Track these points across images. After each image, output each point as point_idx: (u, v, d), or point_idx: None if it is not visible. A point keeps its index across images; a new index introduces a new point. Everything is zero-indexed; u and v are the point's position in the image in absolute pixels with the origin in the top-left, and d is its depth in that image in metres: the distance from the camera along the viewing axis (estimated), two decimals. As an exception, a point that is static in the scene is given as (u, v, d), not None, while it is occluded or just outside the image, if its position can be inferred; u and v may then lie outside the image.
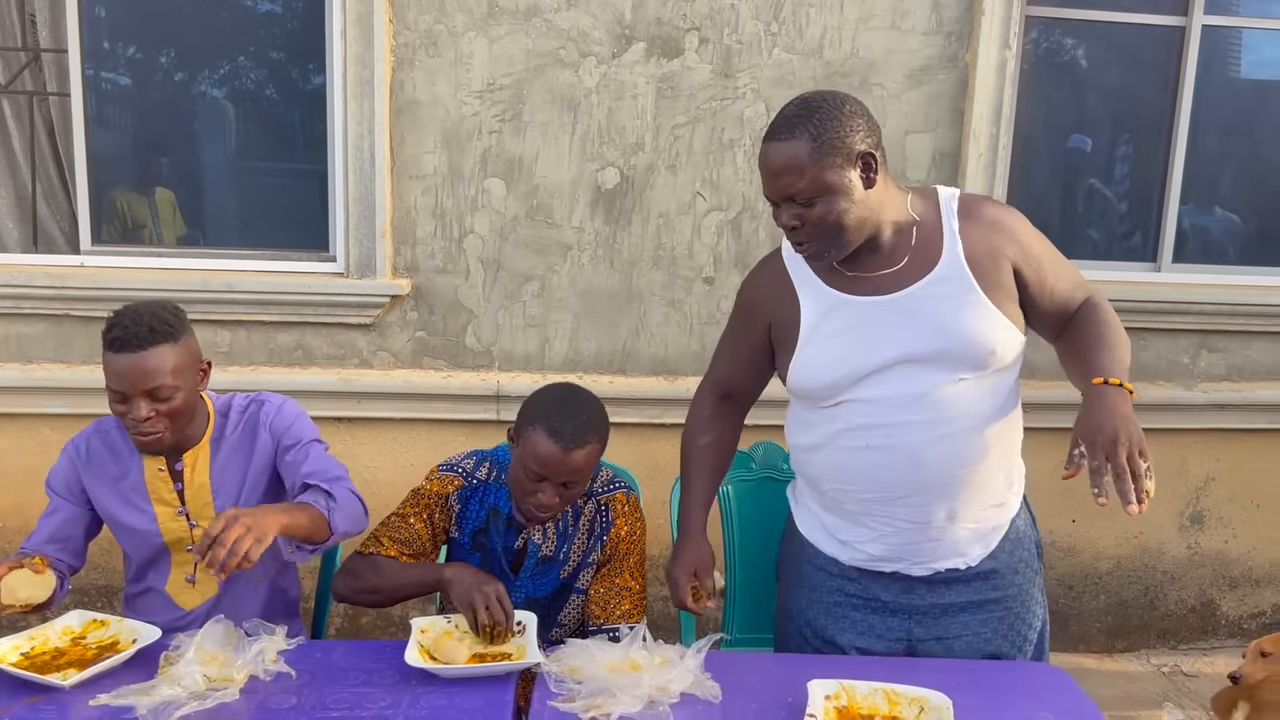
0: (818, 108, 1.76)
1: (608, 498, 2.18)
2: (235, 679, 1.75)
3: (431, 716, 1.69)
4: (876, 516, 1.92)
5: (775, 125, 1.78)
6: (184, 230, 3.52)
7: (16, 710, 1.68)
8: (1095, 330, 1.86)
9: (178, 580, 2.20)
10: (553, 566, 2.15)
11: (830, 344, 1.87)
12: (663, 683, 1.73)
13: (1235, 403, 3.63)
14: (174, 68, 3.42)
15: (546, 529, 2.14)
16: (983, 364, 1.83)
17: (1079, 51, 3.65)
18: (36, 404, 3.30)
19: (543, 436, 1.96)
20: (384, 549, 2.11)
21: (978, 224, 1.87)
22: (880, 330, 1.84)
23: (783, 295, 1.94)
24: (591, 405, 2.05)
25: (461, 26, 3.21)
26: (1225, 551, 3.82)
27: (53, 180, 3.42)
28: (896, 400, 1.83)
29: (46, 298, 3.26)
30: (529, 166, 3.31)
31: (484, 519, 2.15)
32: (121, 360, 1.95)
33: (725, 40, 3.28)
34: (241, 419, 2.20)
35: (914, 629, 1.99)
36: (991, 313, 1.82)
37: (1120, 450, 1.60)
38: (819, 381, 1.89)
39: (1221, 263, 3.74)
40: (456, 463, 2.19)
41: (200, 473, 2.15)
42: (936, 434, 1.83)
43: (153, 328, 1.96)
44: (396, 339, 3.39)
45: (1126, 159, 3.72)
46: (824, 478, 1.96)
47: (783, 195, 1.78)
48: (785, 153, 1.75)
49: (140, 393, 1.96)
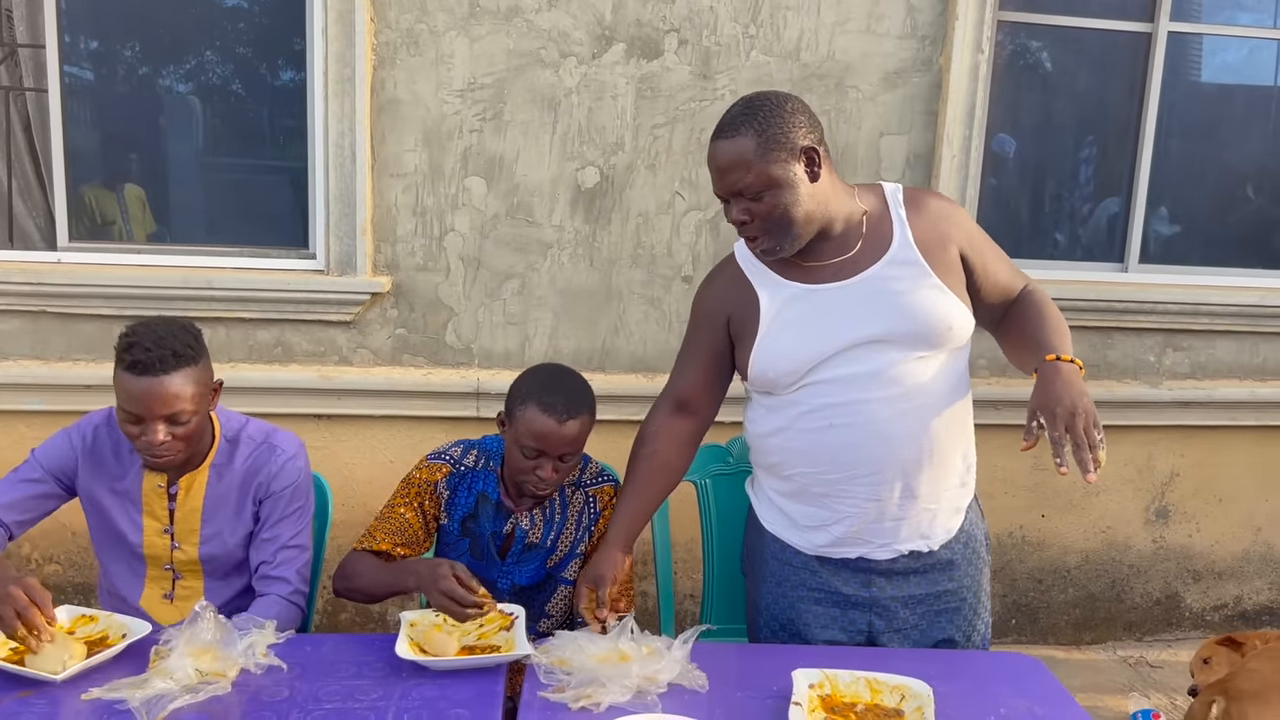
0: (760, 106, 1.84)
1: (596, 490, 2.23)
2: (227, 672, 1.77)
3: (423, 707, 1.71)
4: (840, 497, 1.96)
5: (721, 125, 1.87)
6: (154, 227, 3.51)
7: (8, 704, 1.69)
8: (1039, 313, 1.95)
9: (153, 595, 2.19)
10: (539, 553, 2.19)
11: (791, 331, 1.93)
12: (651, 673, 1.77)
13: (1199, 400, 3.72)
14: (151, 64, 3.41)
15: (534, 515, 2.18)
16: (940, 342, 1.90)
17: (1049, 56, 3.72)
18: (13, 401, 3.28)
19: (536, 412, 2.01)
20: (377, 543, 2.15)
21: (923, 213, 1.96)
22: (840, 313, 1.90)
23: (740, 294, 2.00)
24: (577, 379, 2.12)
25: (443, 26, 3.22)
26: (1189, 545, 3.91)
27: (29, 176, 3.39)
28: (858, 378, 1.89)
29: (23, 294, 3.24)
30: (509, 165, 3.33)
31: (472, 505, 2.19)
32: (141, 384, 1.92)
33: (704, 42, 3.32)
34: (249, 456, 2.15)
35: (874, 620, 2.04)
36: (946, 293, 1.90)
37: (1078, 421, 1.68)
38: (781, 368, 1.93)
39: (1187, 264, 3.83)
40: (445, 450, 2.23)
41: (195, 497, 2.14)
42: (898, 409, 1.89)
43: (175, 351, 1.93)
44: (376, 336, 3.40)
45: (1094, 161, 3.81)
46: (786, 463, 2.01)
47: (731, 190, 1.86)
48: (731, 150, 1.83)
49: (158, 417, 1.93)
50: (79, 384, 3.26)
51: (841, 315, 1.90)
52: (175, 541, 2.14)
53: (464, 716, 1.69)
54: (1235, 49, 3.80)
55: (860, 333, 1.89)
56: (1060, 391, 1.73)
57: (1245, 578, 3.97)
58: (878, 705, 1.75)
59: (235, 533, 2.16)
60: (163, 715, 1.64)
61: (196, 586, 2.19)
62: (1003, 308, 2.03)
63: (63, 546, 3.41)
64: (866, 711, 1.73)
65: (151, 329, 1.96)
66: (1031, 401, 1.76)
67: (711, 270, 2.13)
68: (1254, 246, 3.90)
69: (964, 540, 2.06)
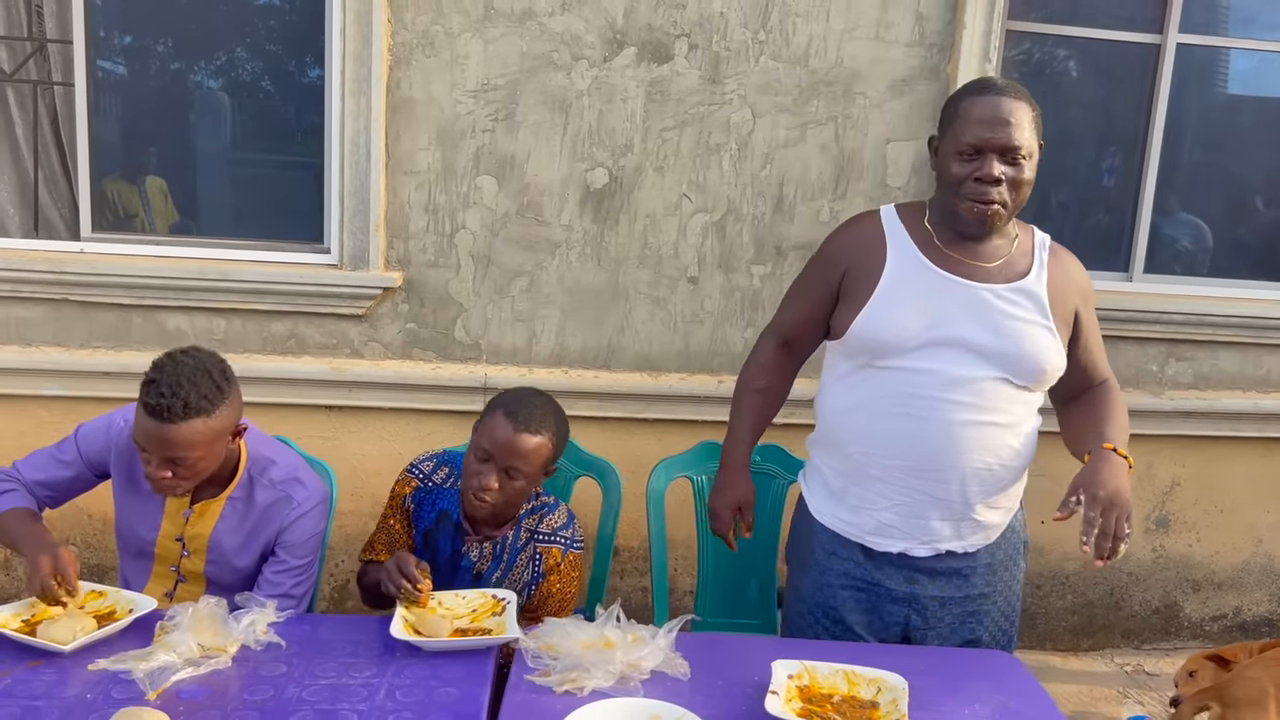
0: (1023, 89, 1.96)
1: (544, 548, 2.24)
2: (228, 648, 1.84)
3: (415, 685, 1.78)
4: (896, 485, 2.01)
5: (993, 84, 1.94)
6: (176, 218, 3.60)
7: (18, 673, 1.76)
8: (1111, 408, 2.04)
9: (155, 591, 2.21)
10: (481, 584, 2.22)
11: (904, 304, 1.97)
12: (635, 660, 1.82)
13: (1201, 410, 3.74)
14: (176, 60, 3.49)
15: (484, 547, 2.23)
16: (1029, 377, 1.97)
17: (1057, 66, 3.76)
18: (34, 386, 3.37)
19: (501, 417, 2.10)
20: (376, 553, 2.27)
21: (1061, 265, 2.04)
22: (955, 308, 1.95)
23: (870, 249, 2.04)
24: (553, 406, 2.18)
25: (458, 27, 3.29)
26: (1189, 555, 3.93)
27: (54, 168, 3.49)
28: (945, 378, 1.94)
29: (46, 282, 3.33)
30: (520, 165, 3.40)
31: (433, 520, 2.26)
32: (150, 424, 1.92)
33: (714, 47, 3.37)
34: (267, 502, 2.16)
35: (912, 616, 2.10)
36: (1054, 338, 1.97)
37: (1113, 511, 1.79)
38: (882, 335, 1.97)
39: (1192, 274, 3.85)
40: (418, 463, 2.31)
41: (206, 523, 2.17)
42: (973, 418, 1.95)
43: (188, 403, 1.91)
44: (387, 330, 3.47)
45: (1101, 171, 3.83)
46: (853, 440, 2.05)
47: (1004, 145, 1.90)
48: (1019, 109, 1.91)
49: (162, 459, 1.95)
50: (98, 371, 3.35)
51: (956, 311, 1.95)
52: (186, 549, 2.19)
53: (453, 694, 1.76)
54: (1244, 60, 3.82)
55: (963, 335, 1.94)
56: (1106, 478, 1.83)
57: (1245, 589, 3.99)
58: (854, 697, 1.79)
59: (240, 562, 2.19)
60: (165, 686, 1.72)
61: (197, 592, 2.19)
62: (1080, 386, 2.10)
63: (79, 529, 3.50)
64: (842, 702, 1.78)
65: (176, 371, 1.94)
66: (1078, 478, 1.86)
67: (849, 219, 2.17)
68: (1260, 258, 3.91)
69: (1004, 547, 2.11)
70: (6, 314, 3.36)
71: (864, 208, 3.44)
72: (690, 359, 3.55)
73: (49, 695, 1.70)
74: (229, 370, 2.05)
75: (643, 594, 3.57)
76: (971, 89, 1.97)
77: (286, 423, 3.26)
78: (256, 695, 1.73)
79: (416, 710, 1.70)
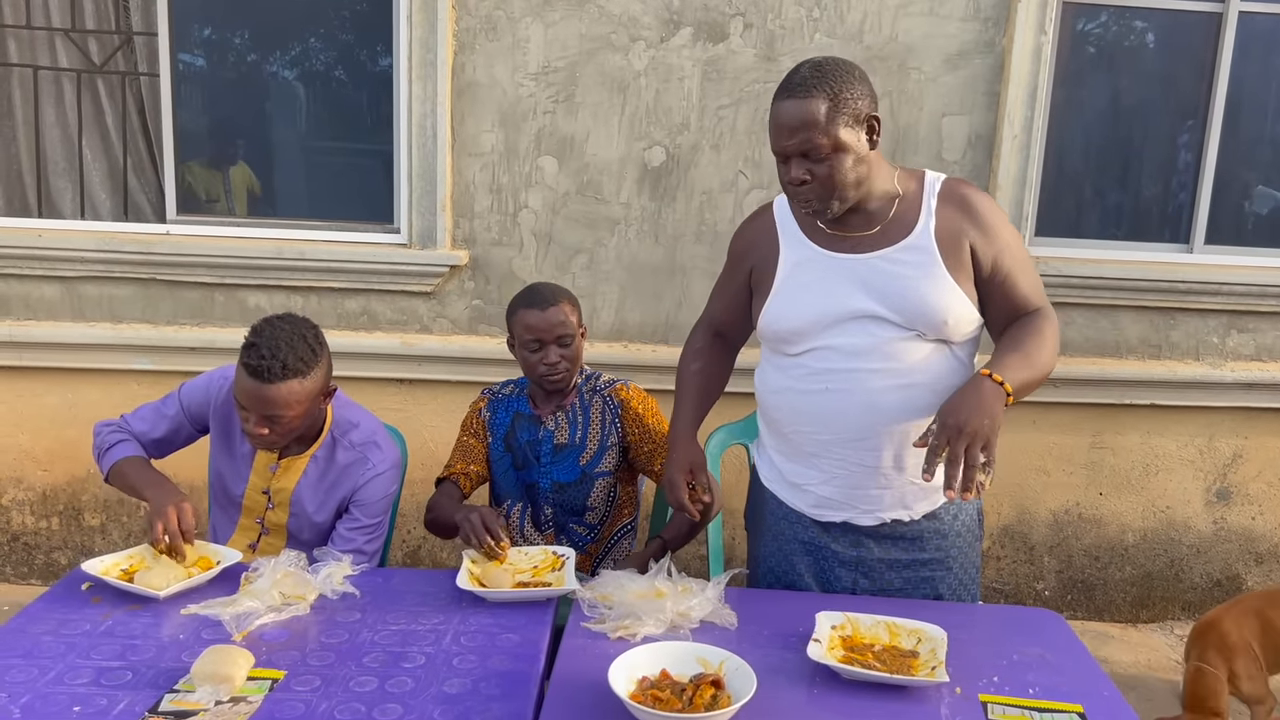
0: (831, 71, 1.89)
1: (610, 390, 2.56)
2: (307, 597, 1.98)
3: (479, 631, 1.90)
4: (830, 458, 2.07)
5: (791, 84, 1.89)
6: (260, 202, 3.78)
7: (118, 615, 1.93)
8: (1023, 336, 1.97)
9: (239, 543, 2.36)
10: (570, 452, 2.49)
11: (801, 293, 2.04)
12: (684, 609, 1.92)
13: (1264, 382, 3.72)
14: (254, 51, 3.67)
15: (559, 419, 2.51)
16: (936, 330, 1.98)
17: (1116, 37, 3.74)
18: (125, 360, 3.58)
19: (523, 311, 2.40)
20: (451, 469, 2.53)
21: (954, 206, 2.01)
22: (848, 284, 2.00)
23: (766, 246, 2.12)
24: (552, 284, 2.53)
25: (519, 12, 3.40)
26: (1251, 527, 3.91)
27: (142, 155, 3.69)
28: (856, 349, 1.99)
29: (135, 262, 3.53)
30: (580, 145, 3.50)
31: (509, 422, 2.54)
32: (250, 384, 2.06)
33: (769, 25, 3.43)
34: (347, 459, 2.30)
35: (860, 580, 2.15)
36: (950, 286, 1.97)
37: (962, 439, 1.75)
38: (787, 326, 2.05)
39: (1256, 244, 3.81)
40: (488, 388, 2.63)
41: (290, 478, 2.31)
42: (892, 383, 1.99)
43: (286, 364, 2.05)
44: (455, 306, 3.61)
45: (1162, 142, 3.80)
46: (786, 420, 2.13)
47: (798, 150, 1.89)
48: (804, 109, 1.86)
49: (260, 416, 2.10)
50: (184, 346, 3.54)
51: (849, 287, 2.00)
52: (270, 502, 2.34)
53: (514, 640, 1.88)
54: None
55: (862, 307, 1.99)
56: (961, 404, 1.79)
57: (1310, 562, 3.96)
58: (895, 646, 1.87)
59: (319, 517, 2.33)
60: (250, 629, 1.86)
61: (278, 545, 2.35)
62: (1007, 318, 2.04)
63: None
64: (883, 651, 1.85)
65: (274, 335, 2.08)
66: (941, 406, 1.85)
67: (751, 214, 2.25)
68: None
69: (953, 512, 2.14)
70: (100, 292, 3.57)
71: (919, 182, 3.49)
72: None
73: (145, 635, 1.86)
74: (321, 336, 2.20)
75: (700, 562, 3.67)
76: (778, 90, 1.91)
77: (360, 395, 3.37)
78: (333, 639, 1.87)
79: (480, 654, 1.82)
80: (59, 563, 3.80)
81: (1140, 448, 3.80)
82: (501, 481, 2.57)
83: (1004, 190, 3.52)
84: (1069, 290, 3.61)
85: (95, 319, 3.59)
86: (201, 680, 1.64)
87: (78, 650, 1.79)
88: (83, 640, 1.83)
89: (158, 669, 1.73)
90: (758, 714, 1.61)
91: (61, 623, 1.89)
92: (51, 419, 3.67)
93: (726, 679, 1.66)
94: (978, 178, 3.55)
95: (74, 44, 3.60)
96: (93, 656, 1.77)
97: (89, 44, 3.60)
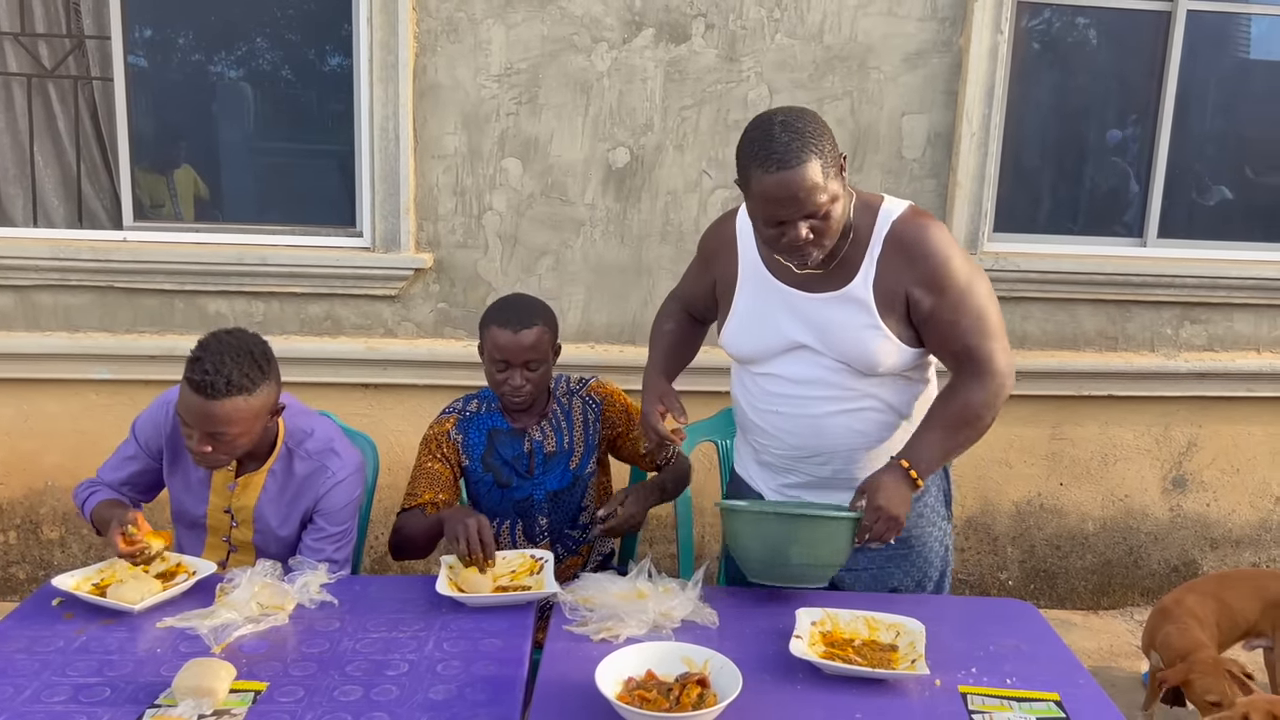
0: (804, 128, 1.85)
1: (585, 390, 2.53)
2: (285, 607, 1.96)
3: (461, 637, 1.90)
4: (788, 469, 2.20)
5: (773, 154, 1.83)
6: (220, 207, 3.72)
7: (92, 630, 1.90)
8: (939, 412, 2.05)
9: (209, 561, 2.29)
10: (560, 458, 2.45)
11: (752, 321, 2.13)
12: (666, 609, 1.93)
13: (1216, 371, 3.81)
14: (207, 52, 3.61)
15: (544, 427, 2.45)
16: (873, 371, 2.05)
17: (1069, 35, 3.81)
18: (82, 370, 3.52)
19: (495, 329, 2.31)
20: (417, 498, 2.38)
21: (898, 254, 2.00)
22: (789, 319, 2.08)
23: (728, 260, 2.17)
24: (532, 300, 2.41)
25: (480, 13, 3.39)
26: (1206, 514, 4.00)
27: (95, 160, 3.62)
28: (801, 377, 2.09)
29: (91, 270, 3.46)
30: (544, 146, 3.50)
31: (485, 442, 2.44)
32: (194, 400, 2.01)
33: (730, 26, 3.45)
34: (306, 470, 2.25)
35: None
36: (884, 336, 2.02)
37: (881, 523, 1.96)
38: (740, 350, 2.17)
39: (1205, 238, 3.90)
40: (449, 406, 2.52)
41: (250, 495, 2.27)
42: (837, 408, 2.09)
43: (231, 380, 2.00)
44: (419, 310, 3.59)
45: (1115, 138, 3.89)
46: (748, 429, 2.26)
47: (805, 213, 1.87)
48: (804, 177, 1.83)
49: (204, 434, 2.04)
50: (144, 354, 3.49)
51: (792, 320, 2.07)
52: (234, 520, 2.30)
53: (497, 644, 1.88)
54: (1254, 25, 3.86)
55: (803, 340, 2.07)
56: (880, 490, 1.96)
57: (1263, 546, 4.06)
58: (874, 641, 1.90)
59: (284, 531, 2.29)
60: (228, 641, 1.84)
61: (247, 562, 2.26)
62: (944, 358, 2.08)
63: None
64: (863, 646, 1.88)
65: (219, 349, 2.03)
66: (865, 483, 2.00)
67: (722, 217, 2.26)
68: (1272, 221, 3.95)
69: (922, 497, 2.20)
70: (55, 301, 3.50)
71: (881, 179, 3.54)
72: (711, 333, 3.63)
73: (122, 650, 1.83)
74: (269, 351, 2.15)
75: (670, 560, 3.69)
76: (755, 157, 1.85)
77: (325, 401, 3.35)
78: (314, 648, 1.85)
79: (463, 659, 1.82)
80: (17, 577, 3.73)
81: (1099, 438, 3.88)
82: (485, 503, 2.47)
83: (963, 187, 3.58)
84: (1027, 285, 3.67)
85: (50, 328, 3.52)
86: (184, 694, 1.62)
87: (52, 668, 1.76)
88: (57, 657, 1.80)
89: (137, 684, 1.71)
90: (744, 711, 1.62)
91: (34, 640, 1.86)
92: (7, 431, 3.59)
93: (712, 677, 1.68)
94: (937, 175, 3.60)
95: (24, 48, 3.52)
96: (69, 673, 1.74)
97: (39, 48, 3.53)
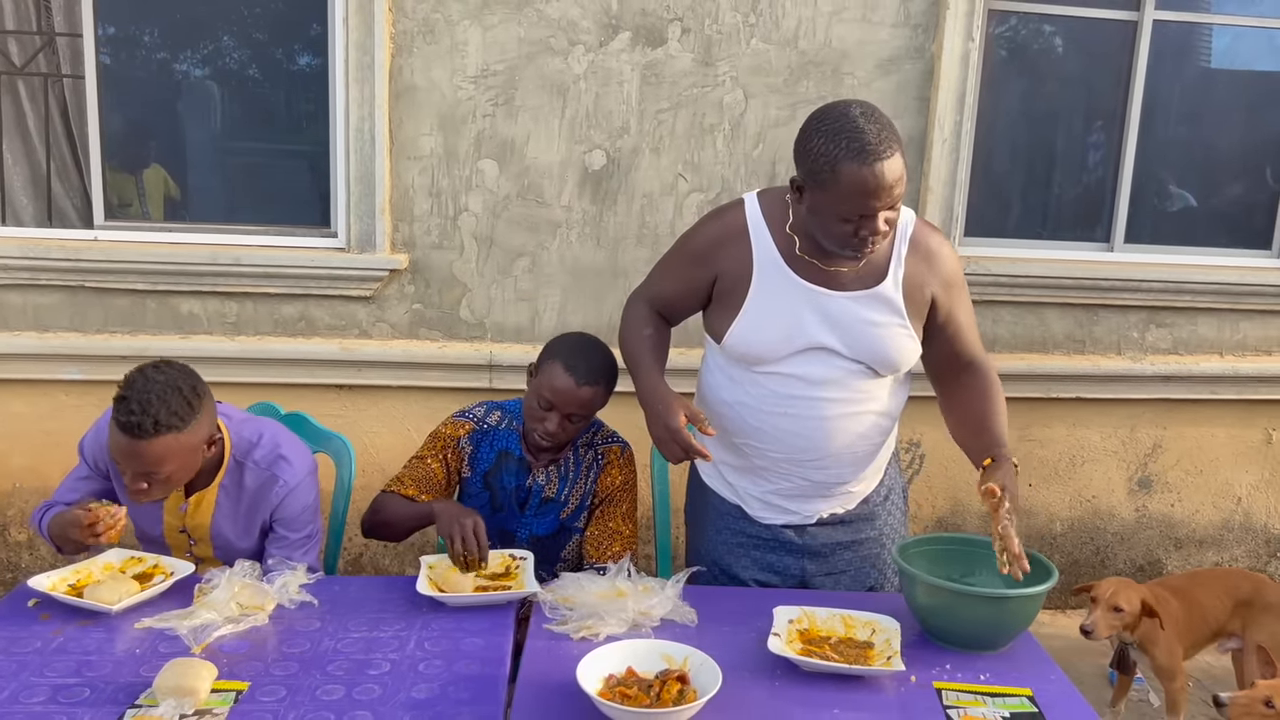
0: (883, 118, 1.87)
1: (604, 449, 2.43)
2: (265, 607, 1.96)
3: (442, 636, 1.91)
4: (779, 473, 2.18)
5: (872, 146, 1.82)
6: (192, 207, 3.70)
7: (70, 631, 1.89)
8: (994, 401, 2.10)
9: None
10: (553, 507, 2.40)
11: (769, 319, 2.07)
12: (645, 608, 1.95)
13: (1181, 374, 3.88)
14: (181, 51, 3.59)
15: (550, 472, 2.39)
16: (890, 370, 2.12)
17: (1038, 43, 3.87)
18: (52, 370, 3.48)
19: (559, 370, 2.22)
20: (404, 488, 2.35)
21: (921, 256, 2.08)
22: (813, 318, 2.06)
23: (739, 257, 2.08)
24: (606, 354, 2.31)
25: (457, 15, 3.40)
26: (1171, 514, 4.08)
27: (65, 159, 3.59)
28: (814, 379, 2.08)
29: (62, 269, 3.43)
30: (520, 148, 3.50)
31: (494, 460, 2.39)
32: (121, 440, 1.95)
33: (706, 30, 3.48)
34: (256, 481, 2.20)
35: (807, 565, 2.25)
36: (907, 336, 2.08)
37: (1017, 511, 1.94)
38: (751, 350, 2.09)
39: (1171, 244, 3.97)
40: (471, 410, 2.44)
41: (203, 514, 2.23)
42: (846, 410, 2.10)
43: (159, 420, 1.93)
44: (395, 311, 3.58)
45: (1082, 145, 3.96)
46: (738, 432, 2.17)
47: (888, 205, 1.87)
48: (896, 166, 1.84)
49: (136, 472, 1.99)
50: (114, 355, 3.45)
51: (817, 321, 2.06)
52: (192, 539, 2.27)
53: (478, 644, 1.88)
54: (1218, 36, 3.94)
55: (825, 341, 2.06)
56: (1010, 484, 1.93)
57: (1225, 545, 4.14)
58: (850, 638, 1.92)
59: (244, 544, 2.26)
60: (208, 641, 1.84)
61: None
62: (945, 360, 2.17)
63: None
64: (840, 643, 1.90)
65: (146, 388, 1.95)
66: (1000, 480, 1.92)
67: (719, 210, 2.17)
68: (1236, 227, 4.04)
69: (882, 495, 2.28)
70: (24, 301, 3.47)
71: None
72: (688, 335, 3.61)
73: (100, 651, 1.82)
74: (201, 385, 2.06)
75: (647, 562, 3.70)
76: (847, 150, 1.82)
77: (299, 402, 3.34)
78: (295, 648, 1.85)
79: (445, 658, 1.83)
80: (-16, 580, 3.69)
81: (1066, 439, 3.94)
82: None
83: (934, 192, 3.62)
84: (997, 288, 3.73)
85: (19, 328, 3.48)
86: (165, 694, 1.62)
87: (30, 669, 1.75)
88: (35, 658, 1.79)
89: (116, 684, 1.70)
90: (723, 707, 1.64)
91: (11, 641, 1.85)
92: (-26, 432, 3.55)
93: (692, 674, 1.70)
94: (910, 181, 3.62)
95: (-7, 45, 3.50)
96: (47, 674, 1.73)
97: (9, 45, 3.50)
